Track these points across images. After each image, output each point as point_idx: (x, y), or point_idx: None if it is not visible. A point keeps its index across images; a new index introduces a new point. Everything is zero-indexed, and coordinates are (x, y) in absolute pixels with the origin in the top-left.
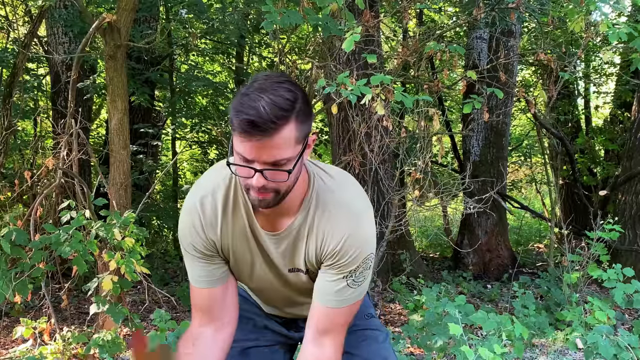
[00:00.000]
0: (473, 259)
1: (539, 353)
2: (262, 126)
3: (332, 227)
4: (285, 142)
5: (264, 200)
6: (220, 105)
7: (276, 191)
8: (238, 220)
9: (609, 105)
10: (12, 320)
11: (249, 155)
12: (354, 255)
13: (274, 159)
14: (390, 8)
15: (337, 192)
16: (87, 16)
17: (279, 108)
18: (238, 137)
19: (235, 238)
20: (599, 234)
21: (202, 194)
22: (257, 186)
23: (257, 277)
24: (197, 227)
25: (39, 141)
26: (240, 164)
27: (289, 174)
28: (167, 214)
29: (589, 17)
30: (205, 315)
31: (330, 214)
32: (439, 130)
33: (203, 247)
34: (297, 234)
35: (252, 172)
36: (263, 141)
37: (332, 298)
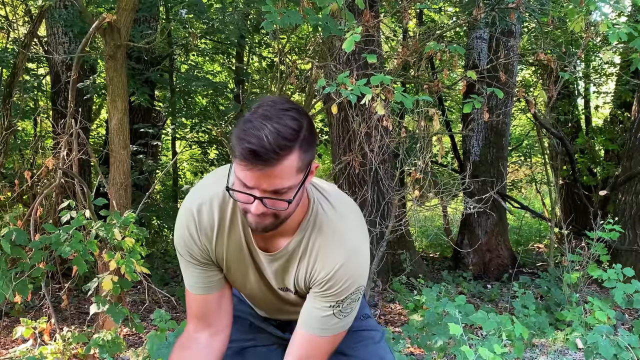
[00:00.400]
0: (473, 259)
1: (539, 353)
2: (264, 156)
3: (325, 255)
4: (287, 172)
5: (261, 224)
6: (220, 105)
7: (275, 216)
8: (234, 235)
9: (609, 105)
10: (12, 320)
11: (249, 183)
12: (344, 287)
13: (274, 187)
14: (390, 8)
15: (335, 221)
16: (87, 16)
17: (282, 138)
18: (239, 165)
19: (230, 251)
20: (599, 234)
21: (199, 201)
22: (255, 213)
23: (250, 288)
24: (192, 234)
25: (39, 141)
26: (240, 190)
27: (289, 204)
28: (167, 214)
29: (589, 17)
30: (201, 321)
31: (325, 242)
32: (439, 130)
33: (199, 254)
34: (290, 257)
35: (252, 199)
36: (265, 171)
37: (317, 326)
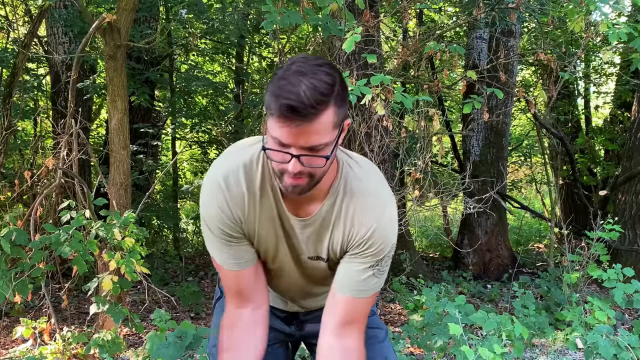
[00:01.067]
0: (473, 259)
1: (539, 353)
2: (302, 111)
3: (360, 216)
4: (324, 128)
5: (298, 187)
6: (220, 105)
7: (311, 176)
8: (265, 203)
9: (609, 105)
10: (12, 320)
11: (286, 140)
12: (383, 245)
13: (312, 144)
14: (390, 8)
15: (364, 181)
16: (87, 16)
17: (319, 93)
18: (276, 122)
19: (261, 220)
20: (599, 234)
21: (225, 172)
22: (293, 171)
23: (279, 261)
24: (222, 207)
25: (39, 141)
26: (277, 149)
27: (327, 160)
28: (167, 214)
29: (589, 17)
30: (240, 298)
31: (359, 203)
32: (439, 130)
33: (231, 228)
34: (323, 221)
35: (289, 157)
36: (302, 127)
37: (357, 288)
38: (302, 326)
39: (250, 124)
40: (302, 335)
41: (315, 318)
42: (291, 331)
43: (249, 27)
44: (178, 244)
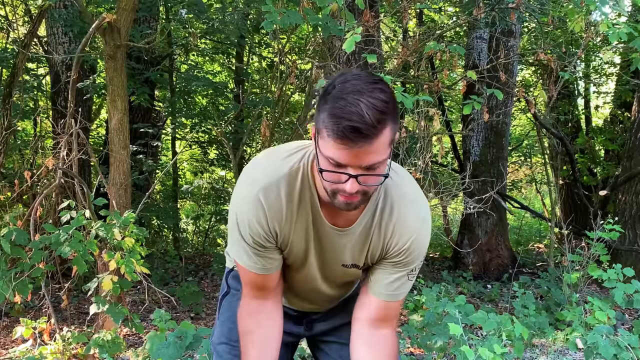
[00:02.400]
0: (473, 259)
1: (539, 353)
2: (365, 132)
3: (400, 226)
4: (382, 146)
5: (351, 204)
6: (220, 105)
7: (365, 193)
8: (302, 212)
9: (609, 105)
10: (12, 320)
11: (345, 161)
12: (420, 253)
13: (370, 163)
14: (390, 8)
15: (402, 188)
16: (87, 16)
17: (379, 112)
18: (334, 143)
19: (296, 228)
20: (599, 234)
21: (265, 183)
22: (350, 191)
23: (304, 269)
24: (260, 220)
25: (39, 141)
26: (333, 170)
27: (385, 178)
28: (167, 214)
29: (589, 17)
30: (261, 292)
31: (399, 213)
32: (439, 130)
33: (264, 239)
34: (363, 230)
35: (345, 177)
36: (364, 148)
37: (391, 292)
38: (311, 326)
39: (250, 124)
40: (311, 335)
41: (325, 317)
42: (299, 331)
43: (249, 27)
44: (178, 244)
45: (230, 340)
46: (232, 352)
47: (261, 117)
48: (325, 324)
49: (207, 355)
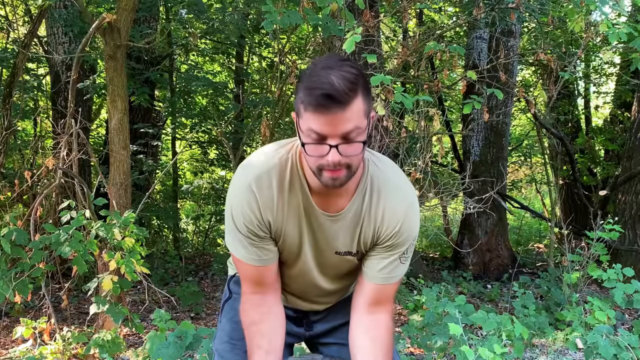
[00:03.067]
0: (473, 259)
1: (539, 353)
2: (337, 98)
3: (389, 211)
4: (357, 114)
5: (337, 179)
6: (220, 105)
7: (348, 167)
8: (293, 200)
9: (609, 105)
10: (12, 320)
11: (324, 130)
12: (410, 235)
13: (348, 130)
14: (390, 8)
15: (388, 175)
16: (87, 16)
17: (349, 81)
18: (312, 114)
19: (288, 217)
20: (599, 234)
21: (257, 173)
22: (333, 161)
23: (300, 261)
24: (253, 208)
25: (39, 141)
26: (315, 142)
27: (363, 146)
28: (167, 214)
29: (589, 17)
30: (260, 286)
31: (387, 198)
32: (439, 130)
33: (258, 228)
34: (354, 216)
35: (327, 149)
36: (338, 114)
37: (385, 276)
38: (312, 326)
39: (250, 124)
40: (311, 336)
41: (325, 318)
42: (300, 332)
43: (249, 27)
44: (178, 244)
45: (231, 339)
46: (233, 350)
47: (261, 117)
48: (325, 325)
49: (207, 355)
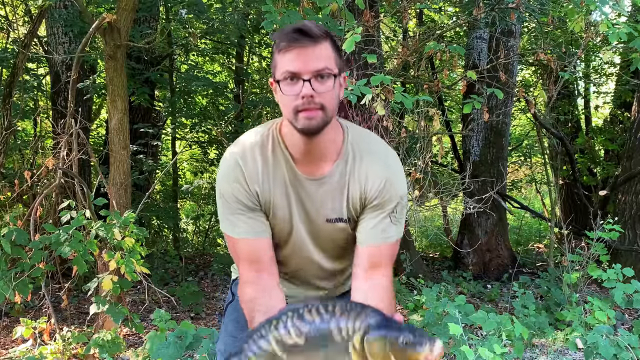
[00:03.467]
0: (473, 259)
1: (539, 353)
2: (308, 32)
3: (373, 170)
4: (327, 55)
5: (313, 120)
6: (220, 105)
7: (322, 108)
8: (278, 171)
9: (609, 105)
10: (12, 320)
11: (297, 67)
12: (396, 192)
13: (319, 67)
14: (390, 8)
15: (368, 139)
16: (87, 16)
17: (318, 27)
18: (285, 53)
19: (275, 188)
20: (599, 234)
21: (241, 149)
22: (306, 94)
23: (293, 234)
24: (240, 181)
25: (39, 141)
26: (290, 78)
27: (335, 79)
28: (167, 214)
29: (589, 17)
30: (256, 265)
31: (369, 160)
32: (439, 130)
33: (247, 200)
34: (338, 180)
35: (300, 86)
36: (309, 48)
37: (377, 236)
38: None
39: (250, 124)
40: None
41: None
42: None
43: (249, 27)
44: (178, 244)
45: (234, 336)
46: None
47: (261, 117)
48: None
49: (207, 355)
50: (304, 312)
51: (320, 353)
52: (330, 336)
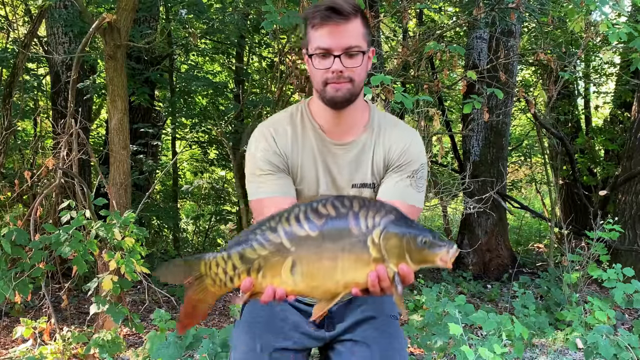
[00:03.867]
0: (473, 259)
1: (539, 353)
2: (340, 9)
3: (396, 137)
4: (358, 32)
5: (340, 91)
6: (220, 105)
7: (351, 80)
8: (307, 142)
9: (609, 105)
10: (12, 320)
11: (328, 43)
12: (417, 156)
13: (349, 44)
14: (390, 8)
15: (387, 116)
16: (87, 16)
17: (350, 4)
18: (318, 29)
19: (304, 156)
20: (599, 234)
21: (271, 122)
22: (336, 70)
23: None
24: (270, 144)
25: (39, 141)
26: (322, 54)
27: (363, 56)
28: (167, 214)
29: (589, 17)
30: None
31: (393, 129)
32: (439, 130)
33: (278, 161)
34: (363, 147)
35: (331, 60)
36: (341, 25)
37: (397, 193)
38: (333, 326)
39: (250, 124)
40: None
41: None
42: (320, 335)
43: (249, 27)
44: (178, 244)
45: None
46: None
47: (261, 117)
48: (344, 324)
49: (207, 355)
50: (318, 206)
51: (334, 247)
52: (347, 230)
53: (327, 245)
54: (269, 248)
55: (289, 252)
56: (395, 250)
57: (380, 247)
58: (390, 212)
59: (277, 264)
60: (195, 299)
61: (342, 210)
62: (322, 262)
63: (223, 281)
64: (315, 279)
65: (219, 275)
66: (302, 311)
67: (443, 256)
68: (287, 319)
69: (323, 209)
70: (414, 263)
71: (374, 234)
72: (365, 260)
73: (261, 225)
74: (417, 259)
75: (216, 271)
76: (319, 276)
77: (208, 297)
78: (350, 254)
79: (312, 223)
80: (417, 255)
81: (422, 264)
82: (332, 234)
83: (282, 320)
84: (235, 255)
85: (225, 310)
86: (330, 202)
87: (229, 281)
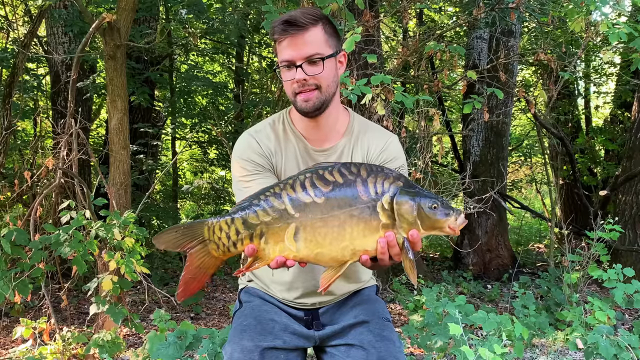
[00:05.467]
0: (473, 259)
1: (539, 353)
2: (295, 22)
3: (374, 138)
4: (318, 40)
5: (310, 101)
6: (220, 105)
7: (317, 87)
8: (289, 144)
9: (609, 105)
10: (12, 320)
11: (290, 55)
12: (396, 155)
13: (309, 53)
14: (390, 8)
15: (370, 122)
16: (87, 16)
17: (307, 13)
18: (279, 43)
19: (287, 158)
20: (599, 234)
21: (254, 130)
22: (299, 79)
23: None
24: (254, 147)
25: (39, 141)
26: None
27: (323, 62)
28: (167, 214)
29: (589, 17)
30: None
31: (371, 132)
32: (439, 130)
33: (262, 160)
34: (342, 152)
35: (294, 70)
36: (298, 36)
37: None
38: (321, 326)
39: (250, 124)
40: (321, 337)
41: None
42: (310, 334)
43: (249, 27)
44: None
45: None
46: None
47: (261, 117)
48: (334, 326)
49: (207, 355)
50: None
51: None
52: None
53: (333, 212)
54: (272, 214)
55: (292, 219)
56: (406, 215)
57: (390, 213)
58: (398, 178)
59: (280, 230)
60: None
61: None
62: (328, 229)
63: (226, 246)
64: (320, 245)
65: (222, 240)
66: (290, 314)
67: (451, 223)
68: (276, 321)
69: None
70: (424, 229)
71: (384, 200)
72: (374, 227)
73: (265, 191)
74: (427, 225)
75: (219, 235)
76: (325, 243)
77: (210, 263)
78: (359, 220)
79: (318, 189)
80: (427, 220)
81: (431, 230)
82: (339, 201)
83: (271, 321)
84: (239, 220)
85: (225, 311)
86: (337, 169)
87: (232, 246)
